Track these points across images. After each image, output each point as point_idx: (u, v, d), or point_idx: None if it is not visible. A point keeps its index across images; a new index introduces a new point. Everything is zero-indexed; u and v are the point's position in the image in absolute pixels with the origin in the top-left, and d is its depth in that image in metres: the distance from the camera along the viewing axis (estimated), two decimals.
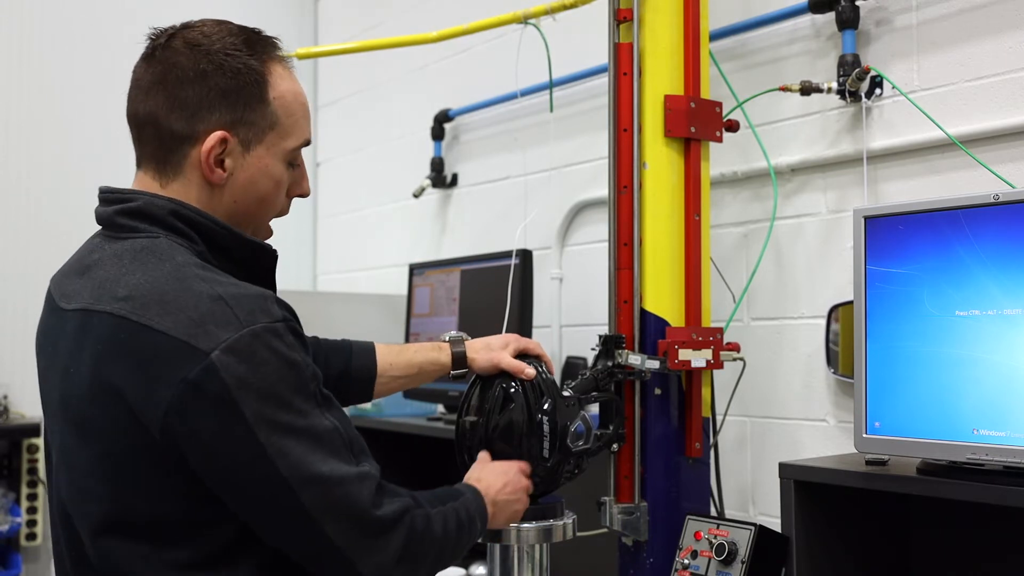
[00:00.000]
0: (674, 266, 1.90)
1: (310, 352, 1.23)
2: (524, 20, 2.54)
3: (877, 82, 2.08)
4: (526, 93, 2.83)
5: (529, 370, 1.61)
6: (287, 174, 1.35)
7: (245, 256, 1.30)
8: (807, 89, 2.11)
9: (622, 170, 1.90)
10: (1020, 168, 1.87)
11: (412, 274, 2.99)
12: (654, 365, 1.82)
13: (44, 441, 1.32)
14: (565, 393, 1.67)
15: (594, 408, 1.82)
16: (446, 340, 1.69)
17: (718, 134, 1.97)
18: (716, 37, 2.28)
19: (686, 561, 1.73)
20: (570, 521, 1.65)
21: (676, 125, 1.89)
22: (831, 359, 2.09)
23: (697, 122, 1.91)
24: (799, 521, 1.66)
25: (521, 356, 1.65)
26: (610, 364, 1.81)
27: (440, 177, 3.31)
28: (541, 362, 1.65)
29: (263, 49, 1.30)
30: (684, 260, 1.91)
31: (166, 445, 1.15)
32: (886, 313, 1.57)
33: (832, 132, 2.17)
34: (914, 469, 1.56)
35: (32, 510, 3.27)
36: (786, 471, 1.67)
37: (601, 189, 2.65)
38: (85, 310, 1.21)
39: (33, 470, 3.28)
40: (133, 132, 1.31)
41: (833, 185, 2.17)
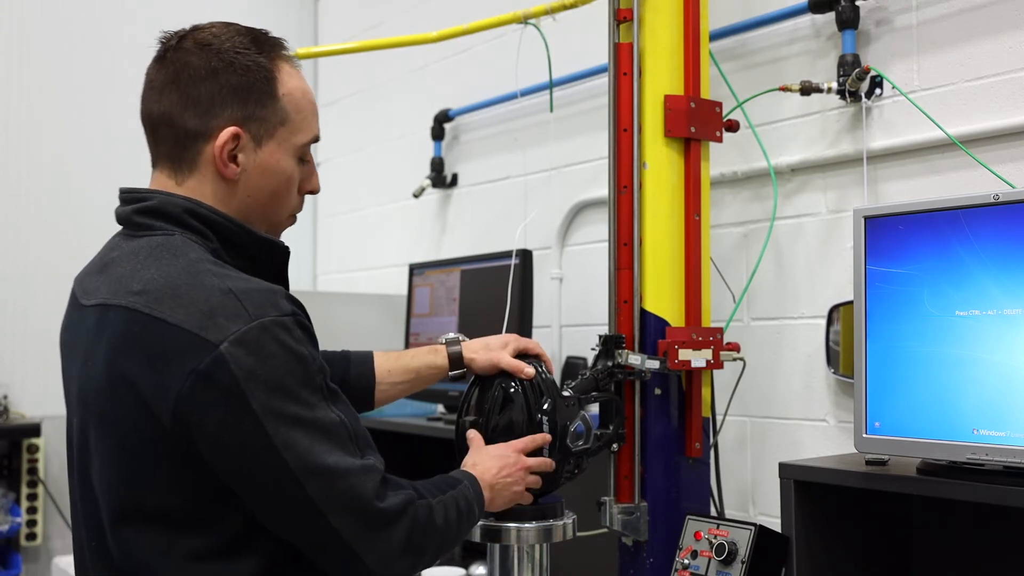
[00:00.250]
0: (674, 266, 1.90)
1: (318, 347, 1.26)
2: (524, 20, 2.54)
3: (877, 82, 2.08)
4: (526, 93, 2.83)
5: (528, 369, 1.61)
6: (298, 170, 1.37)
7: (258, 253, 1.32)
8: (807, 89, 2.11)
9: (622, 170, 1.90)
10: (1020, 168, 1.87)
11: (412, 274, 2.99)
12: (654, 365, 1.82)
13: (67, 436, 1.36)
14: (565, 393, 1.67)
15: (594, 408, 1.82)
16: (442, 342, 1.70)
17: (718, 134, 1.97)
18: (716, 37, 2.28)
19: (686, 561, 1.73)
20: (570, 521, 1.65)
21: (676, 125, 1.89)
22: (831, 359, 2.09)
23: (697, 122, 1.91)
24: (799, 521, 1.66)
25: (521, 356, 1.66)
26: (610, 364, 1.81)
27: (440, 177, 3.31)
28: (541, 362, 1.66)
29: (271, 48, 1.34)
30: (684, 260, 1.91)
31: (177, 435, 1.17)
32: (886, 313, 1.57)
33: (832, 132, 2.17)
34: (914, 469, 1.56)
35: (32, 510, 3.27)
36: (786, 471, 1.67)
37: (601, 189, 2.65)
38: (102, 304, 1.25)
39: (33, 470, 3.28)
40: (148, 132, 1.34)
41: (833, 185, 2.17)
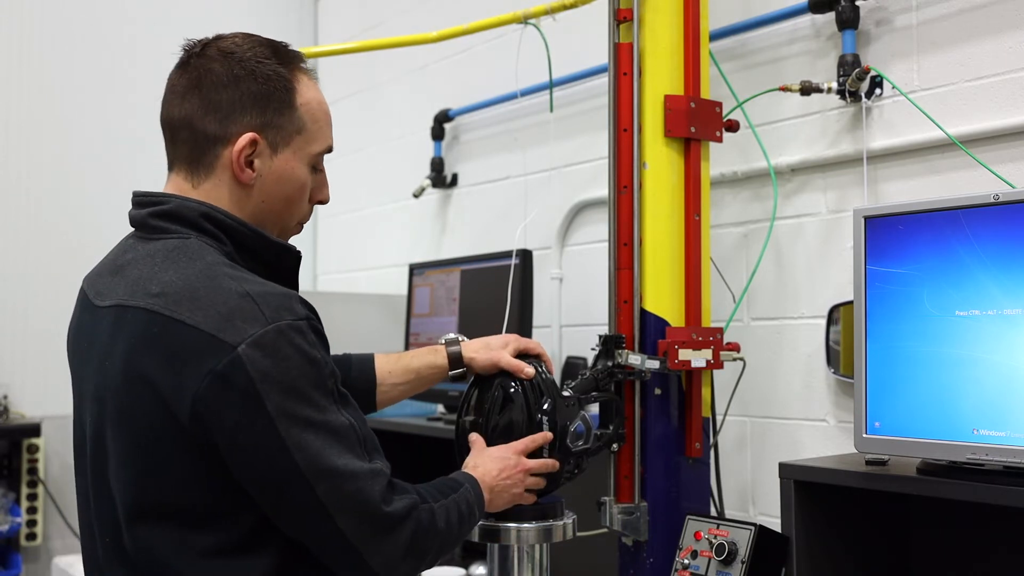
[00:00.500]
0: (674, 266, 1.90)
1: (329, 351, 1.29)
2: (524, 20, 2.54)
3: (877, 82, 2.07)
4: (526, 93, 2.83)
5: (528, 369, 1.62)
6: (311, 178, 1.41)
7: (270, 257, 1.35)
8: (807, 89, 2.11)
9: (622, 170, 1.90)
10: (1020, 168, 1.87)
11: (412, 274, 2.99)
12: (654, 365, 1.82)
13: (75, 437, 1.38)
14: (565, 393, 1.67)
15: (594, 408, 1.82)
16: (442, 343, 1.71)
17: (718, 134, 1.97)
18: (716, 37, 2.28)
19: (686, 561, 1.73)
20: (570, 521, 1.65)
21: (676, 125, 1.89)
22: (831, 359, 2.09)
23: (697, 122, 1.91)
24: (799, 521, 1.66)
25: (521, 356, 1.66)
26: (610, 364, 1.81)
27: (440, 177, 3.30)
28: (541, 362, 1.66)
29: (290, 59, 1.38)
30: (684, 260, 1.91)
31: (194, 433, 1.20)
32: (886, 313, 1.57)
33: (832, 132, 2.17)
34: (914, 469, 1.56)
35: (32, 510, 3.27)
36: (786, 471, 1.67)
37: (601, 189, 2.65)
38: (120, 306, 1.27)
39: (33, 470, 3.28)
40: (167, 136, 1.37)
41: (833, 185, 2.17)
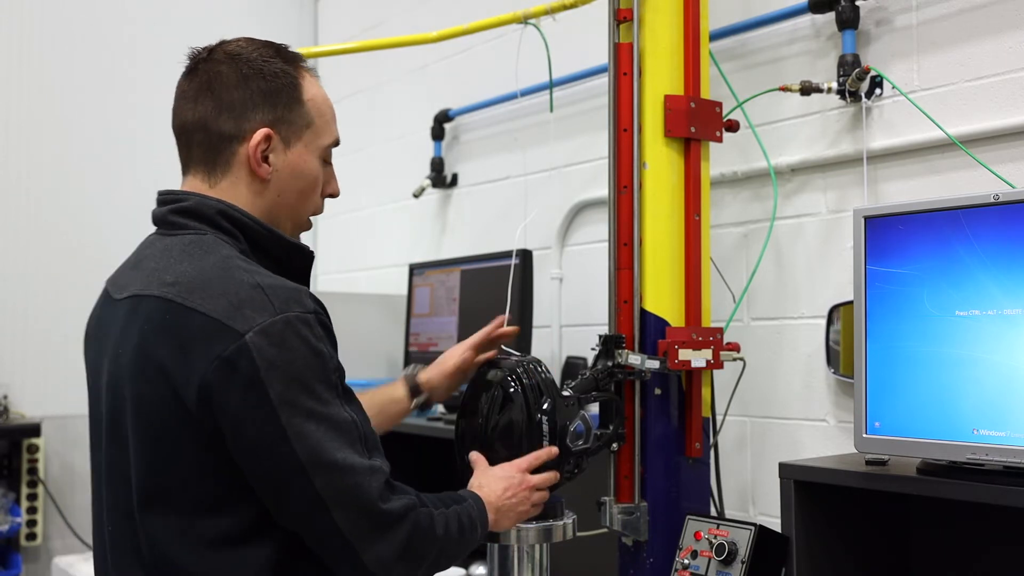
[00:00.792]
0: (674, 266, 1.90)
1: (336, 347, 1.31)
2: (524, 20, 2.54)
3: (877, 82, 2.07)
4: (526, 93, 2.83)
5: (506, 329, 1.73)
6: (322, 172, 1.45)
7: (283, 255, 1.39)
8: (807, 89, 2.11)
9: (622, 170, 1.90)
10: (1020, 168, 1.87)
11: (412, 274, 2.99)
12: (654, 365, 1.81)
13: (91, 431, 1.41)
14: (565, 393, 1.67)
15: (594, 408, 1.82)
16: (400, 376, 1.76)
17: (718, 134, 1.97)
18: (716, 37, 2.28)
19: (686, 561, 1.73)
20: (570, 521, 1.65)
21: (676, 125, 1.89)
22: (831, 359, 2.09)
23: (697, 122, 1.91)
24: (799, 521, 1.66)
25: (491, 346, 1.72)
26: (610, 364, 1.81)
27: (440, 177, 3.31)
28: (509, 342, 1.74)
29: (293, 59, 1.43)
30: (684, 260, 1.91)
31: (201, 419, 1.22)
32: (886, 313, 1.57)
33: (832, 132, 2.17)
34: (914, 469, 1.56)
35: (32, 510, 3.27)
36: (786, 471, 1.67)
37: (601, 189, 2.65)
38: (135, 296, 1.31)
39: (33, 470, 3.28)
40: (182, 141, 1.41)
41: (833, 185, 2.17)
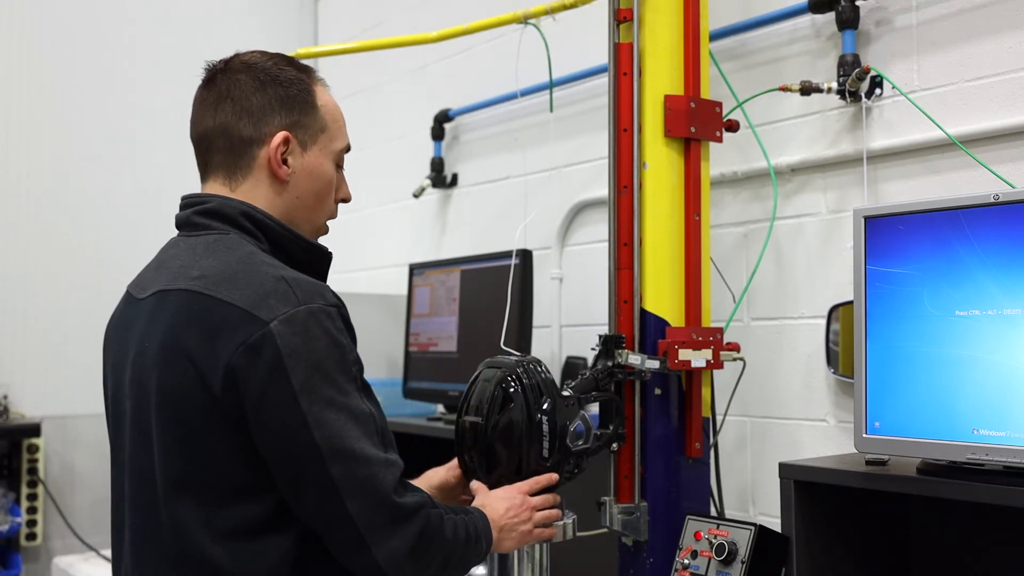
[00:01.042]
0: (674, 266, 1.90)
1: (356, 343, 1.35)
2: (524, 20, 2.54)
3: (877, 82, 2.07)
4: (526, 93, 2.83)
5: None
6: (336, 175, 1.51)
7: (303, 257, 1.44)
8: (807, 89, 2.11)
9: (622, 170, 1.90)
10: (1020, 168, 1.87)
11: (412, 274, 2.99)
12: (654, 365, 1.81)
13: (109, 429, 1.45)
14: (565, 393, 1.67)
15: (594, 408, 1.82)
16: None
17: (718, 134, 1.97)
18: (716, 37, 2.28)
19: (686, 561, 1.73)
20: (570, 521, 1.65)
21: (676, 125, 1.89)
22: (831, 359, 2.09)
23: (697, 122, 1.91)
24: (799, 521, 1.66)
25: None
26: (610, 364, 1.81)
27: (440, 177, 3.30)
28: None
29: (303, 68, 1.50)
30: (684, 260, 1.91)
31: (226, 405, 1.26)
32: (886, 313, 1.57)
33: (832, 132, 2.17)
34: (914, 469, 1.56)
35: (32, 510, 3.27)
36: (786, 471, 1.67)
37: (601, 189, 2.65)
38: (161, 291, 1.35)
39: (33, 470, 3.27)
40: (202, 147, 1.46)
41: (833, 185, 2.17)
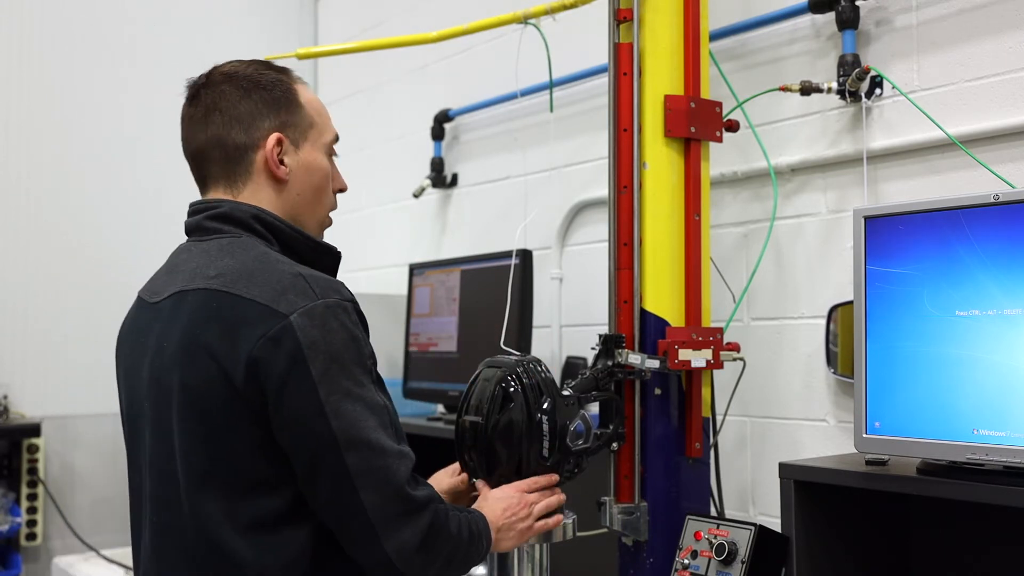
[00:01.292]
0: (674, 266, 1.90)
1: (369, 337, 1.38)
2: (524, 20, 2.54)
3: (877, 82, 2.07)
4: (526, 93, 2.83)
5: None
6: (330, 167, 1.54)
7: (313, 257, 1.48)
8: (807, 89, 2.11)
9: (622, 170, 1.90)
10: (1020, 168, 1.87)
11: (412, 274, 2.99)
12: (654, 365, 1.82)
13: (125, 433, 1.47)
14: (565, 392, 1.67)
15: (594, 408, 1.82)
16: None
17: (718, 134, 1.97)
18: (716, 37, 2.28)
19: (686, 561, 1.73)
20: (570, 521, 1.65)
21: (676, 125, 1.89)
22: (831, 359, 2.09)
23: (697, 122, 1.91)
24: (799, 521, 1.66)
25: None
26: (610, 364, 1.81)
27: (440, 177, 3.30)
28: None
29: (281, 70, 1.52)
30: (684, 260, 1.91)
31: (248, 397, 1.28)
32: (886, 313, 1.57)
33: (832, 132, 2.17)
34: (914, 469, 1.56)
35: (32, 510, 3.27)
36: (786, 471, 1.67)
37: (601, 189, 2.65)
38: (178, 292, 1.38)
39: (33, 470, 3.27)
40: (197, 161, 1.49)
41: (833, 185, 2.17)
